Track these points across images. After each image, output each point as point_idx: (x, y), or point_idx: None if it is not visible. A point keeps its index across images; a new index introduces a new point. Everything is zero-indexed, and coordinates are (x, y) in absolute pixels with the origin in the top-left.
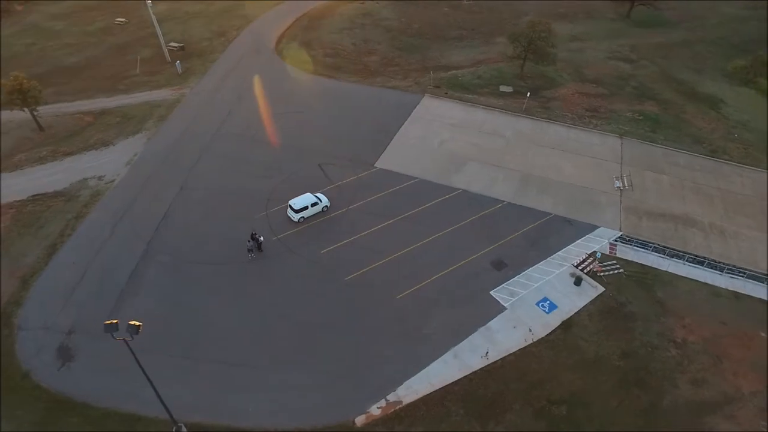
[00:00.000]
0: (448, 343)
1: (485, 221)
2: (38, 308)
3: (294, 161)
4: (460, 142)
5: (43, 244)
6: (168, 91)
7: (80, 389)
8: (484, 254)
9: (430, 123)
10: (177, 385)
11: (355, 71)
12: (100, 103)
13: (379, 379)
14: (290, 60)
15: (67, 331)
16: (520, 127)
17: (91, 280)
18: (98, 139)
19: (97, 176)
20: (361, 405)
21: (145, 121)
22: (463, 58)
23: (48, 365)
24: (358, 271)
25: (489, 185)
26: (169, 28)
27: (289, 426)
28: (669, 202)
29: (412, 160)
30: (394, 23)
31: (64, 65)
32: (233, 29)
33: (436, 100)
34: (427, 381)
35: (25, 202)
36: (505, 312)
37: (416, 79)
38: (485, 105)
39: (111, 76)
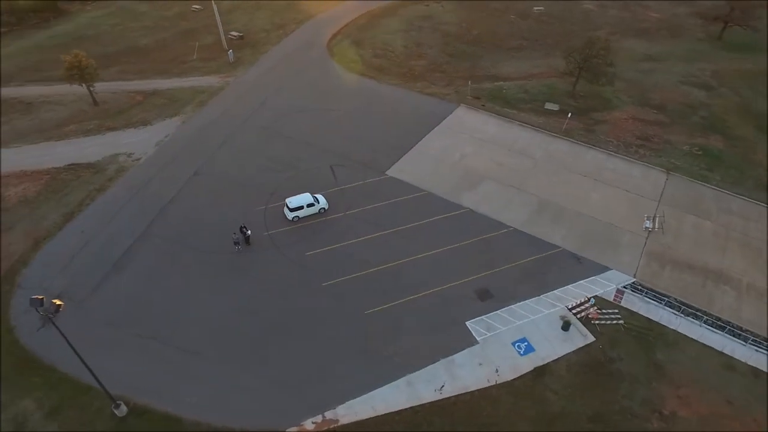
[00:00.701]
0: (405, 368)
1: (484, 246)
2: (40, 270)
3: (308, 159)
4: (483, 159)
5: (62, 211)
6: (215, 78)
7: (50, 352)
8: (472, 281)
9: (457, 135)
10: (134, 364)
11: (398, 74)
12: (154, 84)
13: (323, 394)
14: (337, 57)
15: (56, 296)
16: (554, 148)
17: (90, 251)
18: (140, 118)
19: (128, 153)
20: (297, 416)
21: (186, 105)
22: (515, 69)
23: (30, 325)
24: (337, 279)
25: (500, 208)
26: (236, 18)
27: (219, 424)
28: (705, 252)
29: (425, 172)
30: (453, 28)
31: (136, 46)
32: (294, 23)
33: (471, 112)
34: (370, 404)
35: (60, 169)
36: (475, 346)
37: (458, 88)
38: (522, 122)
39: (172, 59)
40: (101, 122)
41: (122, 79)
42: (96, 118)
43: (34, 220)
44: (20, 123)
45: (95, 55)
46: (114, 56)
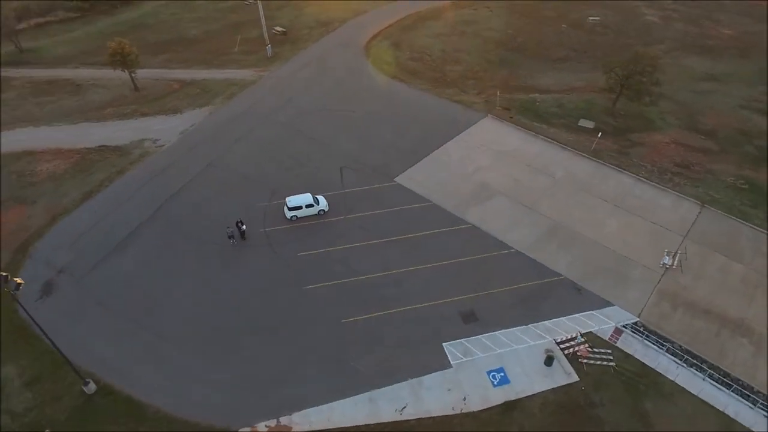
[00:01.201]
0: (370, 383)
1: (480, 265)
2: (51, 244)
3: (320, 159)
4: (498, 173)
5: (83, 190)
6: (251, 71)
7: (42, 325)
8: (459, 301)
9: (477, 146)
10: (112, 344)
11: (430, 79)
12: (193, 74)
13: (283, 398)
14: (372, 58)
15: (59, 270)
16: (578, 168)
17: (98, 231)
18: (172, 106)
19: (153, 139)
20: (252, 417)
21: (216, 96)
22: (556, 81)
23: (32, 294)
24: (322, 283)
25: (506, 227)
26: (284, 14)
27: (177, 414)
28: (728, 298)
29: (435, 182)
30: (497, 34)
31: (186, 36)
32: (339, 21)
33: (497, 123)
34: (327, 416)
35: (91, 150)
36: (448, 370)
37: (489, 97)
38: (549, 137)
39: (215, 50)
40: (137, 107)
41: (166, 67)
42: (134, 103)
43: (57, 197)
44: (67, 103)
45: (148, 43)
46: (164, 45)
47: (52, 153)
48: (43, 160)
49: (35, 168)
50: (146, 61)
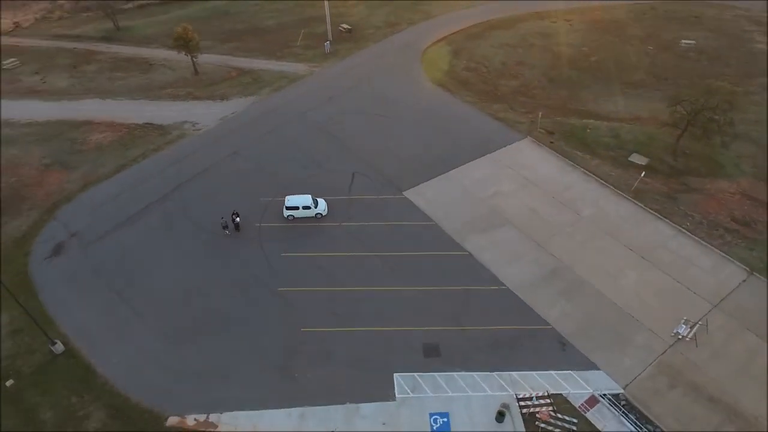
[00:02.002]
0: (308, 399)
1: (463, 297)
2: (74, 209)
3: (338, 161)
4: (517, 201)
5: (118, 163)
6: (305, 66)
7: (42, 282)
8: (428, 331)
9: (504, 168)
10: (91, 311)
11: (480, 92)
12: (253, 64)
13: (219, 395)
14: (426, 64)
15: (72, 234)
16: (611, 208)
17: (116, 203)
18: (222, 93)
19: (194, 122)
20: (185, 408)
21: (265, 87)
22: (620, 108)
23: (42, 253)
24: (297, 287)
25: (505, 261)
26: (357, 11)
27: (120, 389)
28: (746, 387)
29: (445, 201)
30: (570, 50)
31: (259, 26)
32: (408, 23)
33: (535, 147)
34: (254, 422)
35: (138, 125)
36: (390, 402)
37: (536, 118)
38: (588, 170)
39: (280, 42)
40: (192, 90)
41: (232, 54)
42: (190, 86)
43: (95, 166)
44: (135, 80)
45: (223, 30)
46: (237, 33)
47: (106, 125)
48: (97, 131)
49: (87, 137)
50: (215, 48)
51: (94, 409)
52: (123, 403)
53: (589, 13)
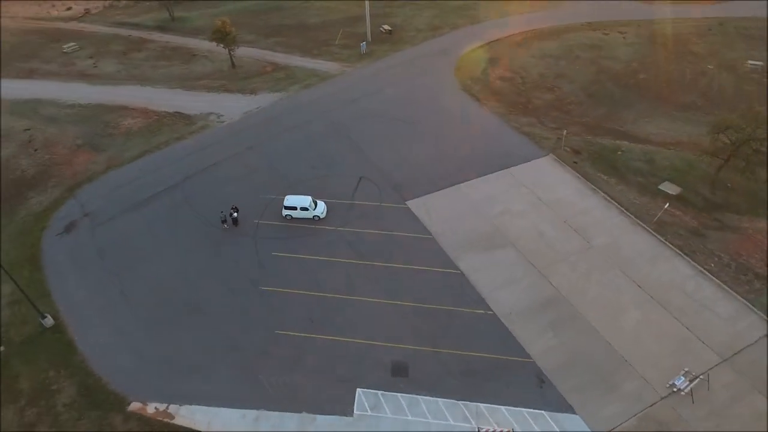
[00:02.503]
0: (266, 403)
1: (444, 318)
2: (93, 190)
3: (348, 164)
4: (525, 222)
5: (142, 148)
6: (338, 65)
7: (50, 256)
8: (400, 349)
9: (518, 186)
10: (87, 290)
11: (510, 103)
12: (289, 60)
13: (183, 387)
14: (460, 71)
15: (85, 213)
16: (627, 240)
17: (131, 187)
18: (252, 87)
19: (219, 114)
20: (147, 394)
21: (295, 84)
22: (661, 131)
23: (55, 229)
24: (280, 288)
25: (497, 285)
26: (402, 12)
27: (94, 369)
28: None
29: (447, 215)
30: (618, 65)
31: (305, 23)
32: (451, 27)
33: (556, 166)
34: (210, 418)
35: (168, 114)
36: (347, 418)
37: (563, 134)
38: (610, 195)
39: (320, 40)
40: (225, 83)
41: (272, 49)
42: (225, 79)
43: (121, 150)
44: (176, 69)
45: (270, 25)
46: (282, 28)
47: (139, 111)
48: (130, 116)
49: (120, 122)
50: (258, 42)
51: (67, 385)
52: (94, 382)
53: (647, 26)
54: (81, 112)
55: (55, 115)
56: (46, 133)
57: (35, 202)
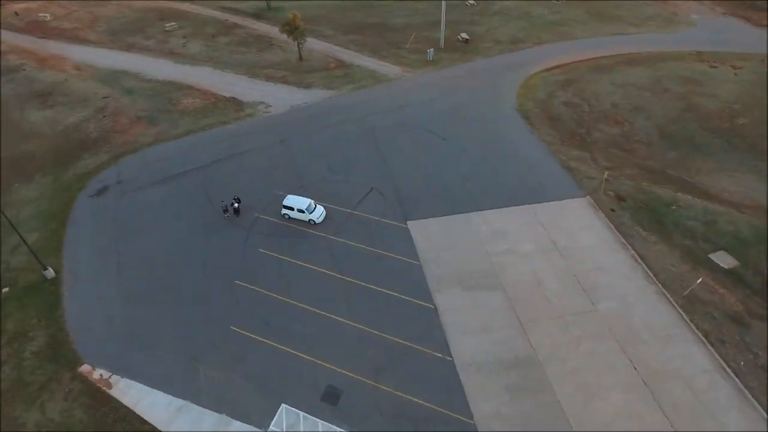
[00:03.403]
0: (195, 396)
1: (397, 353)
2: (134, 160)
3: (366, 172)
4: (526, 267)
5: (188, 128)
6: (399, 69)
7: (76, 215)
8: (341, 375)
9: (535, 225)
10: (91, 252)
11: (565, 131)
12: (355, 58)
13: (131, 361)
14: (523, 90)
15: (118, 181)
16: (641, 310)
17: (164, 163)
18: (310, 82)
19: (268, 104)
20: (99, 361)
21: (350, 83)
22: (740, 190)
23: (90, 191)
24: (250, 285)
25: (468, 329)
26: (491, 22)
27: (68, 328)
28: None
29: (444, 244)
30: (714, 104)
31: (387, 23)
32: (533, 42)
33: (589, 211)
34: (140, 398)
35: (224, 98)
36: (260, 430)
37: (618, 177)
38: (639, 254)
39: (393, 42)
40: (287, 74)
41: (345, 46)
42: (288, 70)
43: (171, 127)
44: (250, 57)
45: (353, 22)
46: (363, 26)
47: (201, 92)
48: (191, 96)
49: (182, 100)
50: (335, 38)
51: (41, 335)
52: (62, 338)
53: None
54: (155, 87)
55: (133, 87)
56: (119, 102)
57: (84, 164)
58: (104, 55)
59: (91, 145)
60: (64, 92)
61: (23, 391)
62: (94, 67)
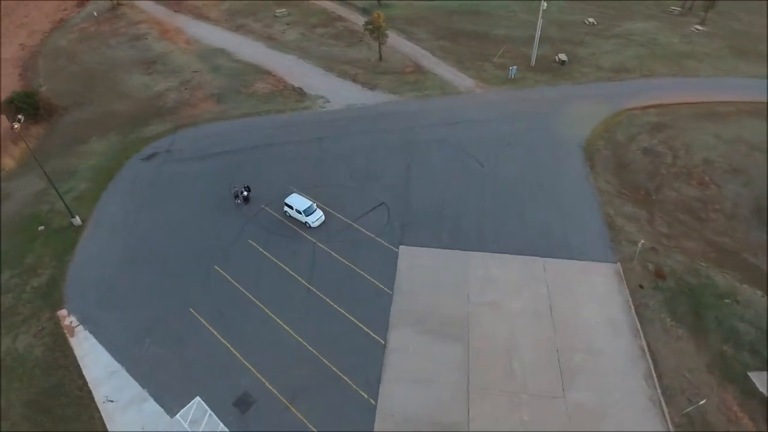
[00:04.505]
0: (132, 365)
1: (326, 378)
2: (189, 133)
3: (383, 187)
4: (506, 327)
5: (248, 110)
6: (473, 83)
7: (123, 173)
8: (260, 385)
9: (538, 283)
10: (118, 209)
11: (628, 183)
12: (435, 66)
13: (99, 317)
14: (601, 126)
15: (167, 150)
16: (620, 416)
17: (211, 141)
18: (377, 83)
19: (327, 100)
20: (75, 309)
21: (415, 90)
22: None
23: (142, 155)
24: (224, 273)
25: (405, 377)
26: (600, 45)
27: (70, 272)
28: None
29: (427, 279)
30: None
31: (486, 33)
32: (642, 73)
33: (612, 281)
34: (89, 353)
35: (292, 88)
36: (166, 417)
37: (668, 251)
38: (650, 347)
39: (482, 53)
40: (361, 73)
41: (431, 52)
42: (363, 68)
43: (233, 108)
44: (335, 51)
45: (451, 28)
46: (459, 34)
47: (275, 79)
48: (264, 81)
49: (254, 83)
50: (426, 41)
51: (46, 274)
52: (60, 281)
53: None
54: (239, 68)
55: (221, 65)
56: (203, 78)
57: (150, 129)
58: (214, 32)
59: (164, 113)
60: (166, 62)
61: (11, 318)
62: (200, 43)
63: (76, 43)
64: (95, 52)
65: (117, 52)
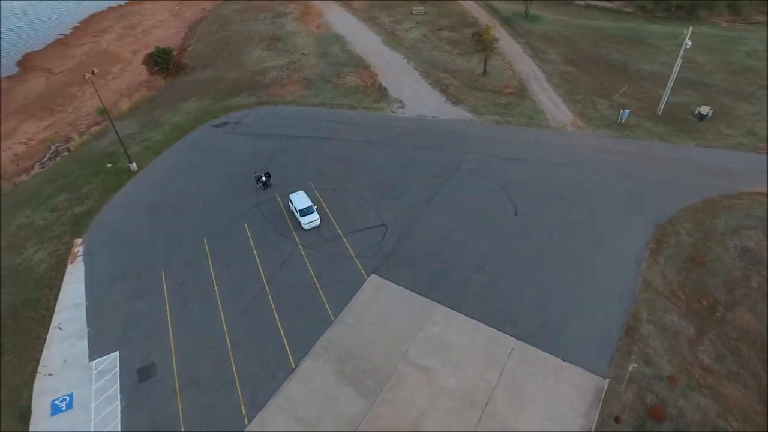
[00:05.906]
0: (93, 320)
1: (208, 382)
2: (263, 111)
3: (398, 207)
4: (419, 397)
5: (325, 100)
6: (572, 119)
7: (192, 136)
8: (166, 362)
9: (493, 363)
10: (170, 165)
11: (687, 287)
12: (540, 92)
13: (100, 256)
14: (696, 206)
15: (236, 123)
16: None
17: (275, 122)
18: (464, 99)
19: (404, 106)
20: (89, 242)
21: (498, 114)
22: None
23: (216, 122)
24: (207, 249)
25: (299, 415)
26: None
27: (103, 210)
28: None
29: (377, 318)
30: None
31: (628, 66)
32: None
33: (585, 395)
34: (72, 284)
35: (377, 86)
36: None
37: (630, 368)
38: None
39: (608, 88)
40: (454, 84)
41: (546, 75)
42: (461, 81)
43: (313, 96)
44: (446, 57)
45: (591, 54)
46: (596, 62)
47: (368, 74)
48: (357, 75)
49: (346, 75)
50: (550, 63)
51: (88, 204)
52: (95, 212)
53: None
54: (344, 58)
55: (330, 52)
56: (308, 62)
57: (236, 100)
58: (346, 20)
59: (257, 88)
60: (287, 42)
61: (46, 233)
62: (328, 28)
63: (235, 14)
64: (243, 23)
65: (258, 25)
